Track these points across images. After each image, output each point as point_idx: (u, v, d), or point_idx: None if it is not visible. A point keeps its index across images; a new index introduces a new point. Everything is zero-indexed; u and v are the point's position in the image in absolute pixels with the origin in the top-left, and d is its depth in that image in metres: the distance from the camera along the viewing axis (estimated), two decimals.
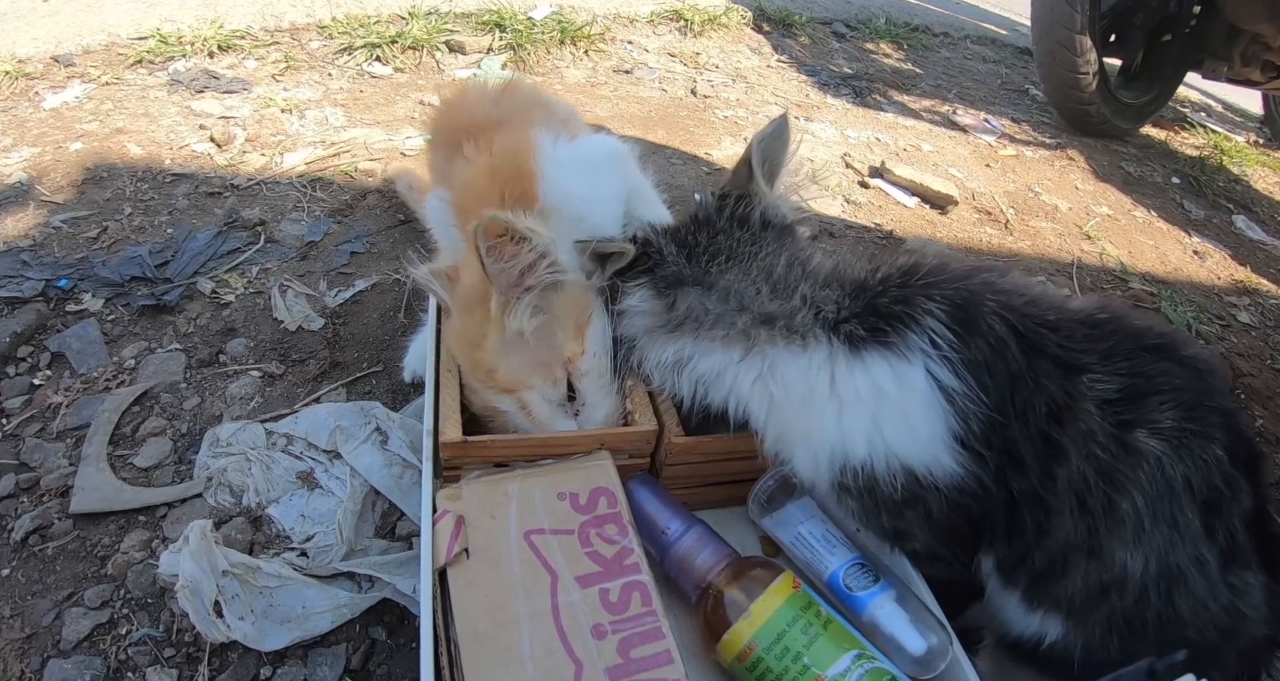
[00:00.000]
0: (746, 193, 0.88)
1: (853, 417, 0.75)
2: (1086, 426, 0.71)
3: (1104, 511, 0.71)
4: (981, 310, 0.74)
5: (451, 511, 0.74)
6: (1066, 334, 0.74)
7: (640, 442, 0.87)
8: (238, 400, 1.26)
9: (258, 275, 1.51)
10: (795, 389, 0.78)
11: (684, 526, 0.84)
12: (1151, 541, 0.71)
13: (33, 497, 1.13)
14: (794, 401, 0.78)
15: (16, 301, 1.41)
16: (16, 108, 2.08)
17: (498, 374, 0.85)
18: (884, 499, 0.77)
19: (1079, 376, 0.72)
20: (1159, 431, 0.70)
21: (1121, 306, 0.80)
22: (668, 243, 0.86)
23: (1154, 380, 0.72)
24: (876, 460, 0.75)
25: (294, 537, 1.06)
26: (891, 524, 0.81)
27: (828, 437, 0.77)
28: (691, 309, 0.82)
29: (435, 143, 1.29)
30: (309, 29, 2.55)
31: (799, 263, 0.82)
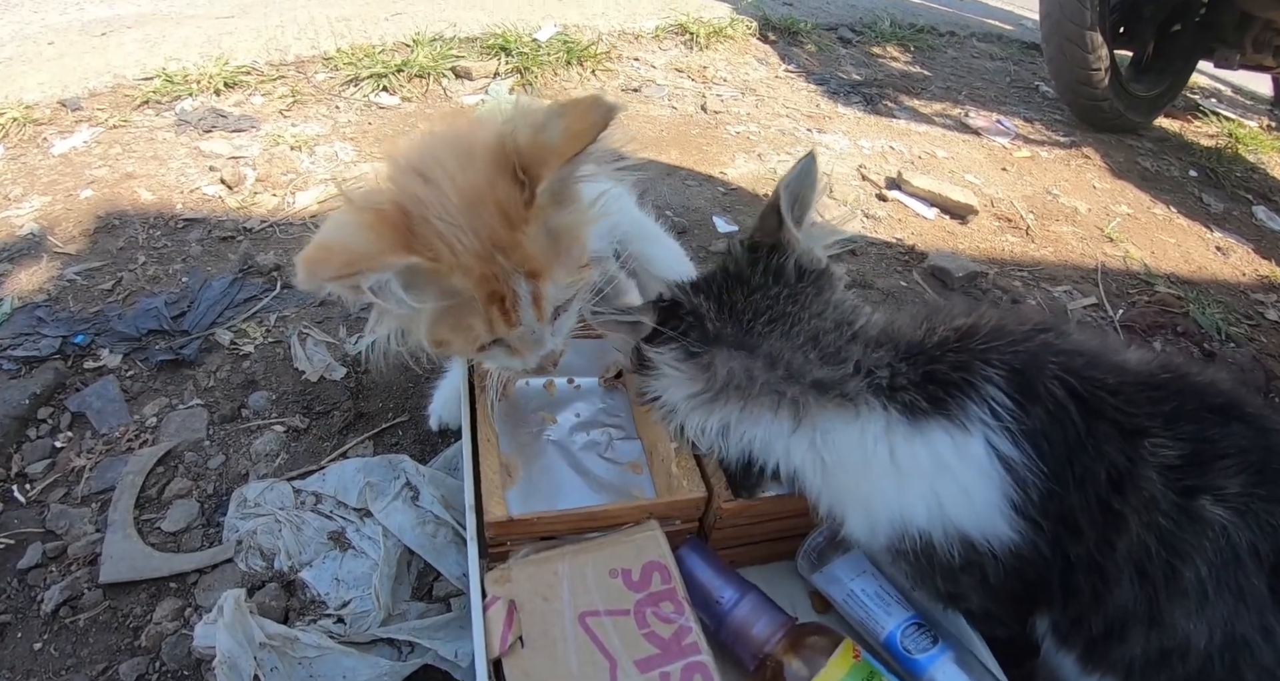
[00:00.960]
0: (779, 242, 0.85)
1: (912, 488, 0.73)
2: (1148, 494, 0.69)
3: (1165, 580, 0.69)
4: (1041, 375, 0.72)
5: (502, 597, 0.71)
6: (1127, 397, 0.72)
7: (690, 509, 0.84)
8: (263, 457, 1.24)
9: (276, 323, 1.49)
10: (850, 457, 0.75)
11: (738, 594, 0.81)
12: (1215, 611, 0.68)
13: (61, 567, 1.11)
14: (849, 469, 0.76)
15: (34, 360, 1.39)
16: (26, 154, 2.08)
17: (534, 258, 0.78)
18: (940, 564, 0.75)
19: (1141, 441, 0.70)
20: (1224, 498, 0.67)
21: (1183, 363, 0.77)
22: (702, 302, 0.83)
23: (1219, 444, 0.69)
24: (934, 529, 0.73)
25: (329, 603, 1.04)
26: (947, 587, 0.80)
27: (886, 506, 0.75)
28: (733, 375, 0.79)
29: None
30: (314, 61, 2.54)
31: (846, 322, 0.79)
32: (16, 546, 1.12)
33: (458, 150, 0.77)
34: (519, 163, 0.75)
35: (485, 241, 0.76)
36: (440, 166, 0.77)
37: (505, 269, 0.77)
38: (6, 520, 1.16)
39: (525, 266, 0.78)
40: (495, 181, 0.76)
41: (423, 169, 0.77)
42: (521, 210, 0.76)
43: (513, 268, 0.77)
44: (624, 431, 1.11)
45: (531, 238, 0.78)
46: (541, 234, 0.79)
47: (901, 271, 1.83)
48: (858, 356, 0.76)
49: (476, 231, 0.75)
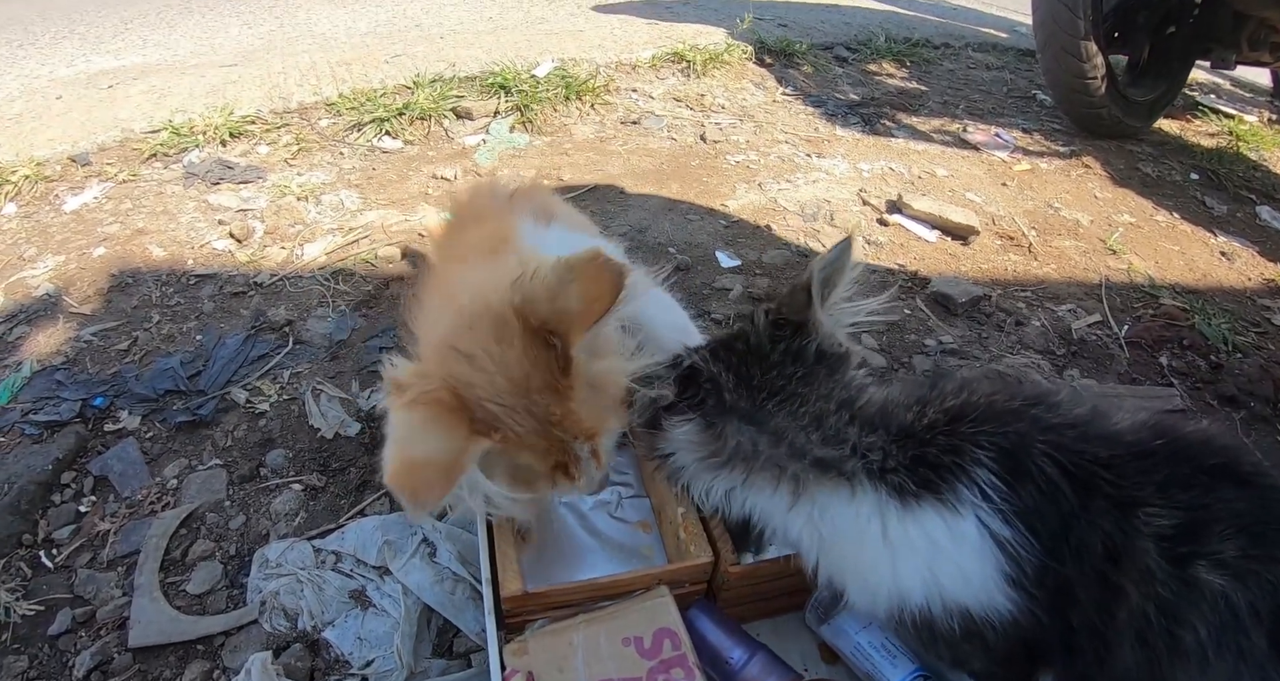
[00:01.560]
0: (805, 322, 0.86)
1: (907, 565, 0.75)
2: (1144, 564, 0.70)
3: (1166, 646, 0.69)
4: (1031, 453, 0.73)
5: (520, 670, 0.73)
6: (1119, 470, 0.73)
7: (697, 573, 0.86)
8: (283, 516, 1.26)
9: (290, 380, 1.51)
10: (846, 533, 0.77)
11: (748, 653, 0.83)
12: (1217, 671, 0.69)
13: (91, 632, 1.14)
14: (846, 544, 0.78)
15: (56, 424, 1.42)
16: (39, 212, 2.12)
17: (588, 422, 0.82)
18: (941, 634, 0.77)
19: (1134, 512, 0.71)
20: (1222, 563, 0.68)
21: (1176, 424, 0.78)
22: (721, 372, 0.84)
23: (1213, 508, 0.70)
24: (933, 603, 0.75)
25: (353, 662, 1.06)
26: (949, 653, 0.81)
27: (883, 581, 0.77)
28: (741, 447, 0.81)
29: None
30: (317, 107, 2.58)
31: (849, 403, 0.81)
32: (46, 612, 1.14)
33: (493, 327, 0.80)
34: (547, 331, 0.78)
35: (541, 419, 0.79)
36: (479, 346, 0.79)
37: (564, 440, 0.82)
38: (36, 586, 1.18)
39: (581, 433, 0.82)
40: (534, 356, 0.78)
41: (463, 349, 0.80)
42: (564, 379, 0.79)
43: (570, 437, 0.82)
44: (633, 489, 1.13)
45: (580, 402, 0.81)
46: (586, 393, 0.82)
47: (905, 298, 1.84)
48: (855, 439, 0.78)
49: (530, 411, 0.79)
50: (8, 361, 1.59)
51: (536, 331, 0.78)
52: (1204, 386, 1.65)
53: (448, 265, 1.05)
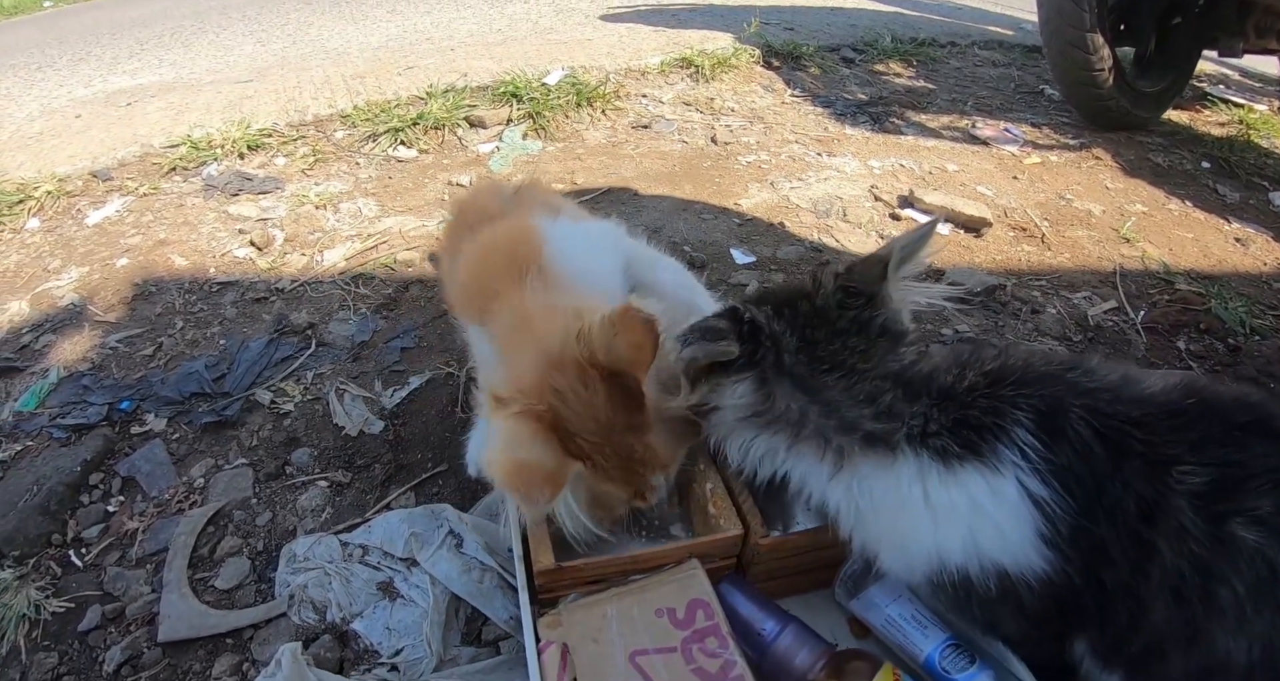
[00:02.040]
0: (875, 295, 0.85)
1: (947, 527, 0.75)
2: (1178, 523, 0.70)
3: (1202, 602, 0.69)
4: (1068, 415, 0.74)
5: (555, 641, 0.73)
6: (1152, 429, 0.73)
7: (728, 547, 0.87)
8: (309, 512, 1.28)
9: (313, 381, 1.53)
10: (885, 502, 0.78)
11: (779, 625, 0.83)
12: (1254, 626, 0.68)
13: (120, 628, 1.15)
14: (884, 513, 0.78)
15: (83, 428, 1.45)
16: (61, 226, 2.16)
17: (663, 455, 0.88)
18: (977, 595, 0.77)
19: (1168, 471, 0.71)
20: (1257, 519, 0.68)
21: (1206, 385, 0.78)
22: (784, 331, 0.84)
23: (1246, 465, 0.70)
24: (970, 564, 0.75)
25: (382, 652, 1.06)
26: (984, 616, 0.81)
27: (923, 545, 0.77)
28: (790, 411, 0.81)
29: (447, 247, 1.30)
30: (332, 120, 2.62)
31: (899, 377, 0.81)
32: (77, 609, 1.16)
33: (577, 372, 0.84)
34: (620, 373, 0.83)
35: (625, 457, 0.85)
36: (569, 386, 0.84)
37: (644, 474, 0.87)
38: (66, 584, 1.20)
39: (658, 467, 0.88)
40: (614, 399, 0.83)
41: (556, 386, 0.84)
42: (642, 416, 0.85)
43: (649, 471, 0.87)
44: None
45: (656, 438, 0.86)
46: (660, 429, 0.87)
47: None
48: (901, 408, 0.78)
49: (616, 450, 0.84)
50: (35, 369, 1.62)
51: (611, 376, 0.83)
52: (1223, 369, 1.64)
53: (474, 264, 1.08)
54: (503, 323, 0.97)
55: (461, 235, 1.15)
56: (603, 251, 1.14)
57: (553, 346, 0.85)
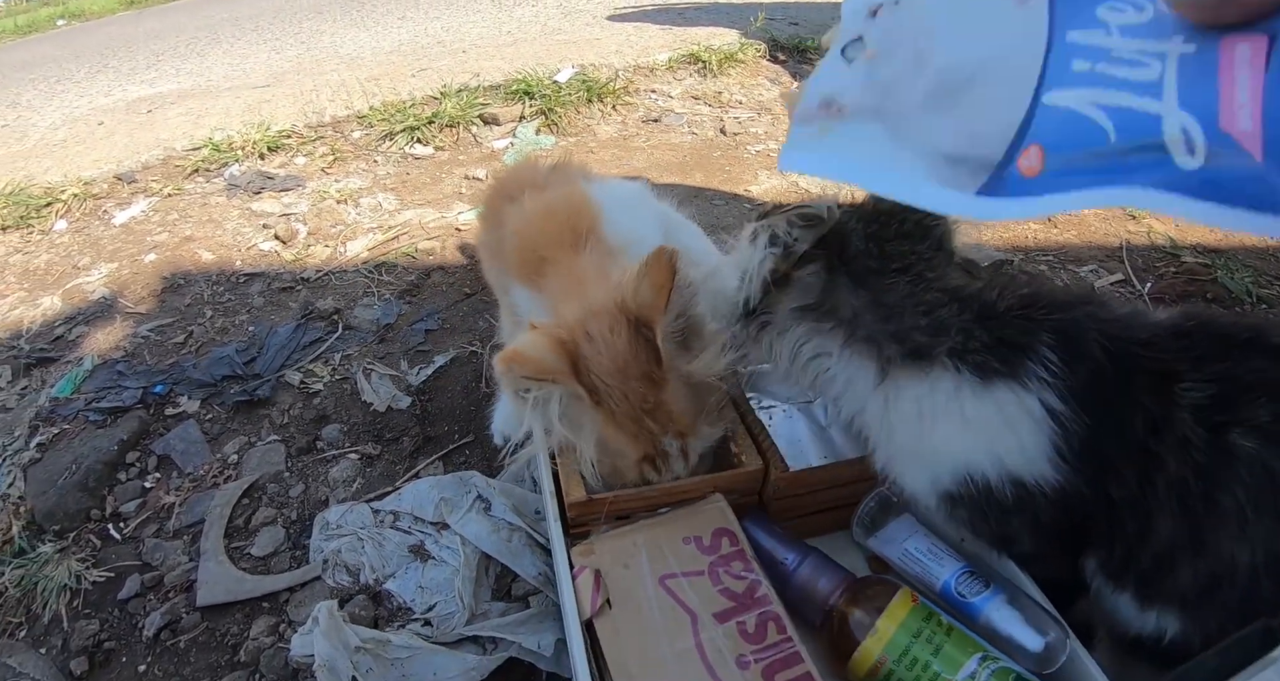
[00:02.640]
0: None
1: (975, 441, 0.78)
2: (1182, 434, 0.72)
3: (1205, 509, 0.72)
4: (1085, 339, 0.76)
5: (588, 566, 0.77)
6: (1159, 347, 0.76)
7: (749, 481, 0.90)
8: (341, 483, 1.31)
9: (341, 362, 1.57)
10: (919, 413, 0.79)
11: (800, 556, 0.87)
12: (1256, 530, 0.71)
13: (159, 595, 1.19)
14: (916, 424, 0.80)
15: (119, 411, 1.49)
16: (89, 227, 2.22)
17: (679, 418, 0.87)
18: (995, 506, 0.79)
19: (1172, 386, 0.74)
20: (1257, 427, 0.70)
21: (1207, 311, 0.81)
22: (853, 222, 0.81)
23: (1245, 379, 0.72)
24: (991, 475, 0.77)
25: (415, 608, 1.10)
26: (1000, 530, 0.83)
27: (952, 459, 0.79)
28: (845, 310, 0.81)
29: (488, 217, 1.34)
30: (349, 121, 2.68)
31: (953, 289, 0.80)
32: (116, 579, 1.20)
33: (608, 318, 0.87)
34: (641, 324, 0.85)
35: (636, 404, 0.85)
36: (598, 330, 0.87)
37: (654, 431, 0.87)
38: (105, 556, 1.24)
39: (673, 428, 0.87)
40: (635, 347, 0.85)
41: (588, 328, 0.87)
42: (658, 369, 0.86)
43: (660, 430, 0.87)
44: None
45: (674, 396, 0.87)
46: (682, 390, 0.88)
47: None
48: (954, 327, 0.78)
49: (627, 394, 0.85)
50: (69, 358, 1.67)
51: (637, 324, 0.85)
52: None
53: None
54: (557, 285, 0.99)
55: (503, 206, 1.19)
56: (648, 217, 1.18)
57: (595, 298, 0.88)
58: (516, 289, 1.10)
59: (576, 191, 1.10)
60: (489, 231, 1.26)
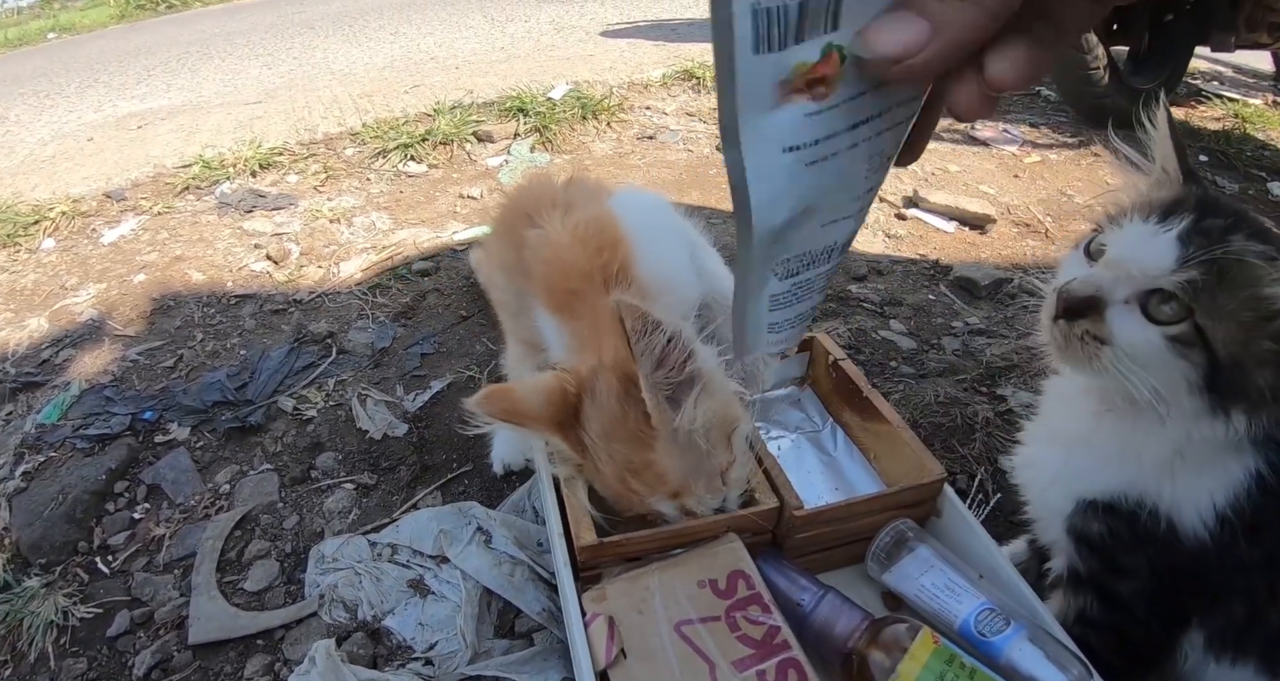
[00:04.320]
0: None
1: (1171, 469, 0.78)
2: None
3: None
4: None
5: (601, 613, 0.74)
6: None
7: (764, 520, 0.88)
8: (336, 514, 1.28)
9: (335, 387, 1.54)
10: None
11: (817, 596, 0.84)
12: None
13: (149, 632, 1.15)
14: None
15: (107, 438, 1.46)
16: (77, 246, 2.19)
17: (668, 478, 0.82)
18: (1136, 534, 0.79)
19: None
20: None
21: None
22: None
23: None
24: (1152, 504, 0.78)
25: (416, 647, 1.07)
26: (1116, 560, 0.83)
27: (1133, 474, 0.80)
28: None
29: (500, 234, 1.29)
30: (342, 137, 2.66)
31: None
32: (105, 615, 1.16)
33: (606, 373, 0.84)
34: (629, 381, 0.81)
35: (620, 465, 0.83)
36: (599, 385, 0.84)
37: (641, 493, 0.83)
38: (93, 590, 1.20)
39: (662, 489, 0.83)
40: (626, 404, 0.82)
41: (594, 384, 0.85)
42: (648, 427, 0.81)
43: (648, 491, 0.83)
44: None
45: (664, 456, 0.82)
46: (673, 448, 0.82)
47: (929, 285, 1.86)
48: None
49: (612, 455, 0.83)
50: (56, 382, 1.63)
51: (626, 382, 0.82)
52: None
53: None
54: (584, 326, 0.94)
55: (519, 223, 1.14)
56: (676, 245, 1.13)
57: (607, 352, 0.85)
58: (544, 316, 1.05)
59: (606, 217, 1.04)
60: (506, 249, 1.21)
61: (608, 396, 0.82)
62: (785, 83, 0.45)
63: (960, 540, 0.95)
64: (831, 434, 1.14)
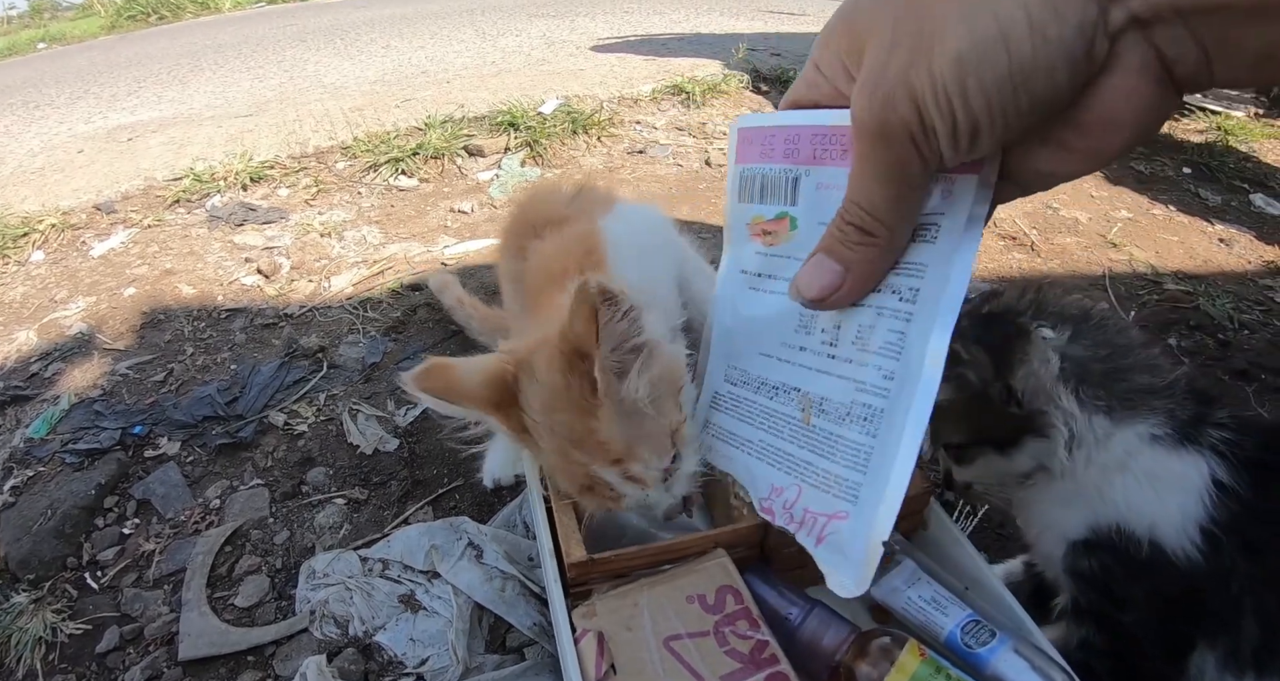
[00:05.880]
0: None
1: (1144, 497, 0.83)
2: None
3: None
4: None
5: (590, 629, 0.75)
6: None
7: (751, 535, 0.89)
8: (327, 529, 1.28)
9: (326, 402, 1.54)
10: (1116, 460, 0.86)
11: (804, 610, 0.85)
12: None
13: (139, 648, 1.15)
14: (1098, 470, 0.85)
15: (96, 452, 1.45)
16: (67, 258, 2.18)
17: (611, 446, 0.81)
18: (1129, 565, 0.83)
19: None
20: None
21: None
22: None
23: None
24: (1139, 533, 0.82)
25: (407, 662, 1.07)
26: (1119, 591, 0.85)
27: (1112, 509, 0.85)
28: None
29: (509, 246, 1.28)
30: (333, 151, 2.66)
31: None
32: (94, 631, 1.16)
33: (548, 352, 0.83)
34: (578, 356, 0.80)
35: (561, 437, 0.82)
36: (538, 364, 0.84)
37: (583, 462, 0.82)
38: (82, 606, 1.20)
39: (603, 457, 0.82)
40: (569, 377, 0.81)
41: (534, 360, 0.84)
42: (591, 399, 0.80)
43: (589, 459, 0.82)
44: None
45: (604, 424, 0.81)
46: (614, 417, 0.81)
47: None
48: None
49: (553, 429, 0.82)
50: (45, 396, 1.63)
51: (572, 355, 0.80)
52: (1214, 363, 1.68)
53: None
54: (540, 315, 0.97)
55: (525, 234, 1.15)
56: (660, 265, 1.13)
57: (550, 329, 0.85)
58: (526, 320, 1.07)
59: (591, 232, 1.06)
60: (511, 261, 1.22)
61: (549, 371, 0.82)
62: (750, 225, 0.73)
63: (947, 552, 0.96)
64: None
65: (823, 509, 0.73)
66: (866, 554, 0.67)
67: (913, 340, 0.62)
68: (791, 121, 0.64)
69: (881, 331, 0.64)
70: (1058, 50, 0.41)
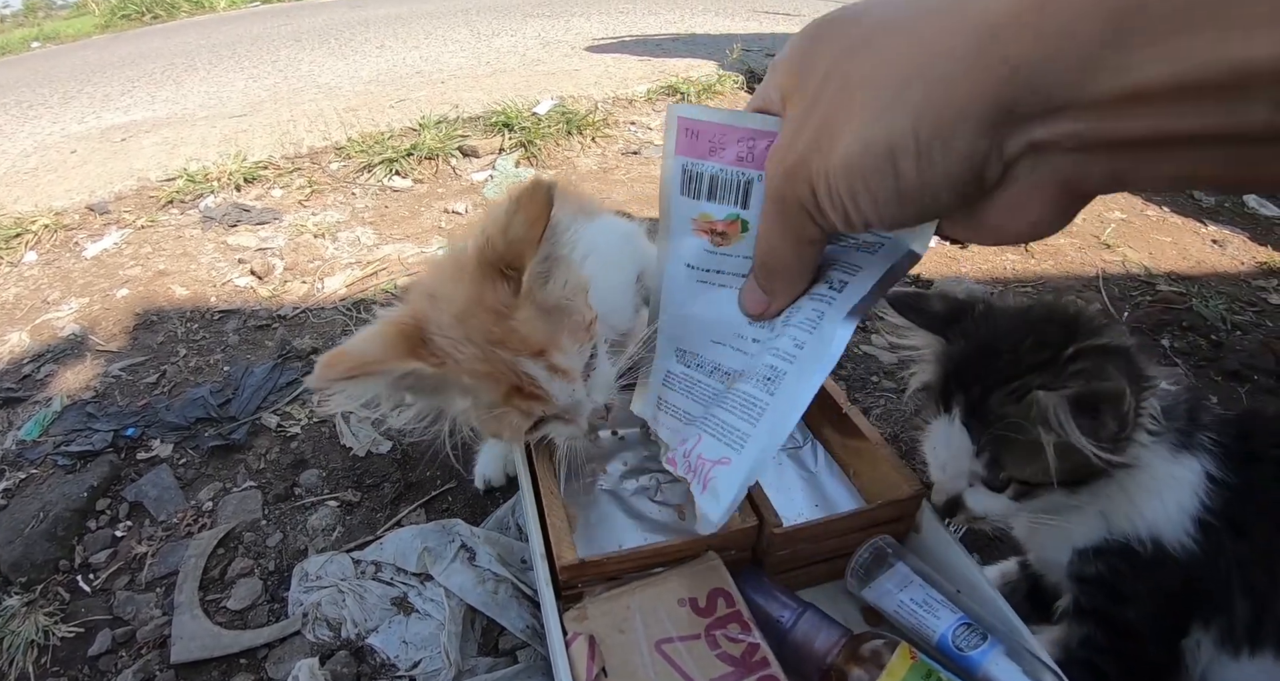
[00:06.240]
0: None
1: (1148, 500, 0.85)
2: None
3: None
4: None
5: (582, 633, 0.75)
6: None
7: (744, 538, 0.89)
8: (320, 532, 1.28)
9: (319, 404, 1.54)
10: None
11: (796, 613, 0.86)
12: None
13: (131, 652, 1.14)
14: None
15: (88, 455, 1.45)
16: (59, 259, 2.18)
17: (532, 339, 0.83)
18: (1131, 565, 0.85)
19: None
20: None
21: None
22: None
23: None
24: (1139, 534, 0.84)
25: (400, 665, 1.07)
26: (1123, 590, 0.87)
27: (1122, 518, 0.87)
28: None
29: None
30: (327, 152, 2.66)
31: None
32: (86, 634, 1.16)
33: (454, 269, 0.85)
34: (504, 264, 0.81)
35: (481, 343, 0.82)
36: (442, 286, 0.85)
37: (507, 359, 0.83)
38: (74, 609, 1.20)
39: (526, 349, 0.83)
40: (484, 288, 0.82)
41: (431, 290, 0.86)
42: (511, 300, 0.82)
43: (513, 354, 0.83)
44: (670, 475, 1.15)
45: (524, 321, 0.83)
46: (534, 315, 0.84)
47: None
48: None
49: (470, 337, 0.82)
50: (37, 398, 1.62)
51: (491, 265, 0.82)
52: (1207, 364, 1.69)
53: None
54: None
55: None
56: (621, 265, 1.15)
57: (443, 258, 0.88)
58: None
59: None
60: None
61: (457, 287, 0.83)
62: (696, 220, 0.73)
63: (939, 555, 0.96)
64: (812, 450, 1.15)
65: (711, 455, 0.77)
66: (735, 496, 0.74)
67: (828, 320, 0.65)
68: (743, 123, 0.63)
69: (806, 310, 0.68)
70: (942, 178, 0.41)
